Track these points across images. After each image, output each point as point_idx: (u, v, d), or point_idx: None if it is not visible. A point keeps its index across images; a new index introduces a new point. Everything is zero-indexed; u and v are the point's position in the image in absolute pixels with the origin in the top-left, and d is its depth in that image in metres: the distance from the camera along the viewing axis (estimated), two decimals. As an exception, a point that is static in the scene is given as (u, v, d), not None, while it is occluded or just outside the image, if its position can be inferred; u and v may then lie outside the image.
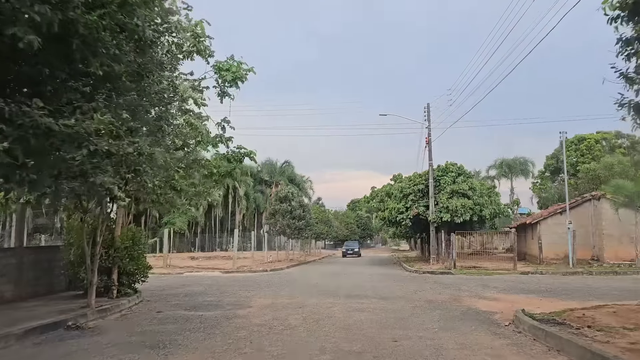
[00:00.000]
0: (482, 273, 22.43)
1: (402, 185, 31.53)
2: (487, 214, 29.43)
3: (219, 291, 15.52)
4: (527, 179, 65.59)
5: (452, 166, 31.00)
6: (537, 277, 20.62)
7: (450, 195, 29.58)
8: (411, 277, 21.24)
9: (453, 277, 20.79)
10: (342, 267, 30.17)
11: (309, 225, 36.51)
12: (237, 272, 25.26)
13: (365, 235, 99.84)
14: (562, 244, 27.73)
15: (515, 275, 21.57)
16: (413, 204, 30.61)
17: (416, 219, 30.84)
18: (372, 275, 22.44)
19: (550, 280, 18.65)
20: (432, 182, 29.84)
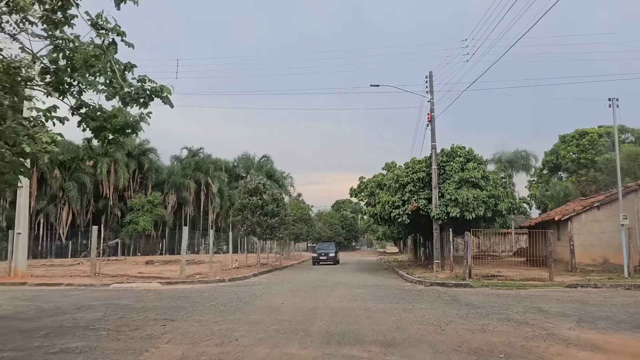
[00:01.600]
0: (509, 286, 16.54)
1: (397, 174, 25.57)
2: (504, 208, 23.61)
3: (116, 323, 9.38)
4: (529, 175, 60.46)
5: (460, 150, 25.14)
6: (594, 292, 14.76)
7: (458, 185, 23.69)
8: (418, 292, 15.23)
9: (476, 293, 14.81)
10: (323, 276, 24.09)
11: (284, 224, 30.37)
12: (183, 282, 19.05)
13: (350, 236, 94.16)
14: (600, 247, 22.05)
15: (559, 289, 15.70)
16: (412, 196, 24.67)
17: (415, 215, 24.91)
18: (364, 290, 16.38)
19: (630, 300, 12.78)
20: (436, 169, 23.92)
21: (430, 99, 24.53)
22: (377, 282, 19.59)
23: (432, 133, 24.36)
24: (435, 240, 23.87)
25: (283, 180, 70.88)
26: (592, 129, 59.28)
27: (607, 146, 55.33)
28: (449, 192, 23.13)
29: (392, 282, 20.00)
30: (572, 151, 58.79)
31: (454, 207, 22.87)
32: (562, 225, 23.73)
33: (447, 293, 14.85)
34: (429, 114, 24.47)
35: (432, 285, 17.42)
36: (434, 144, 24.25)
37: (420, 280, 18.49)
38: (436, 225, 23.89)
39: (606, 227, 21.96)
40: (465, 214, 22.77)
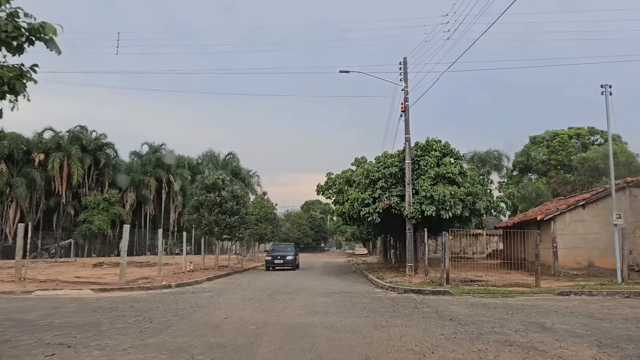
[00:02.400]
0: (493, 293, 14.58)
1: (368, 168, 23.44)
2: (482, 207, 21.76)
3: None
4: (500, 176, 59.53)
5: (436, 143, 23.17)
6: (593, 301, 12.88)
7: (434, 181, 21.71)
8: (391, 302, 13.05)
9: (459, 303, 12.73)
10: (285, 280, 21.77)
11: (245, 223, 27.89)
12: (121, 289, 16.43)
13: (319, 237, 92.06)
14: (585, 249, 20.41)
15: (550, 297, 13.79)
16: (383, 193, 22.56)
17: (386, 214, 22.84)
18: (328, 298, 14.13)
19: (636, 312, 10.88)
20: (410, 163, 21.89)
21: (405, 87, 22.49)
22: (344, 288, 17.38)
23: (406, 124, 22.33)
24: (408, 241, 21.81)
25: (249, 178, 68.20)
26: (562, 130, 58.75)
27: (577, 147, 54.82)
28: (423, 189, 21.12)
29: (361, 288, 17.83)
30: (543, 152, 58.12)
31: (429, 205, 20.86)
32: (543, 226, 22.01)
33: (425, 303, 12.73)
34: (403, 104, 22.44)
35: (407, 292, 15.30)
36: (407, 137, 22.22)
37: (393, 287, 16.36)
38: (409, 225, 21.85)
39: (592, 228, 20.33)
40: (442, 212, 20.79)
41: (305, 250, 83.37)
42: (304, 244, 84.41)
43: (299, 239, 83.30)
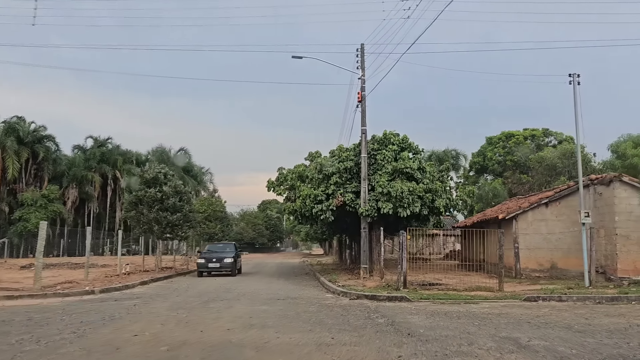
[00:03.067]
0: (455, 298, 13.15)
1: (321, 162, 21.78)
2: (441, 205, 20.47)
3: None
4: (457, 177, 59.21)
5: (394, 137, 21.76)
6: (564, 308, 11.60)
7: (391, 177, 20.28)
8: (341, 310, 11.38)
9: (418, 311, 11.19)
10: (229, 284, 19.85)
11: (189, 221, 25.72)
12: (31, 296, 14.13)
13: (275, 237, 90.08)
14: (548, 249, 19.42)
15: (517, 303, 12.47)
16: (337, 189, 20.97)
17: (341, 212, 21.27)
18: (271, 306, 12.35)
19: (619, 321, 9.59)
20: (366, 157, 20.37)
21: (361, 75, 20.96)
22: (292, 293, 15.63)
23: (363, 115, 20.81)
24: (363, 241, 20.29)
25: (202, 176, 65.51)
26: (517, 131, 58.97)
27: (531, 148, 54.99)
28: (380, 185, 19.62)
29: (310, 292, 16.12)
30: (499, 153, 58.15)
31: (385, 202, 19.39)
32: (504, 226, 20.89)
33: (379, 311, 11.12)
34: (359, 94, 20.91)
35: (360, 298, 13.69)
36: (364, 129, 20.70)
37: (345, 292, 14.72)
38: (364, 224, 20.33)
39: (555, 228, 19.35)
40: (399, 210, 19.37)
41: (260, 250, 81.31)
42: (259, 244, 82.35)
43: (253, 239, 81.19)
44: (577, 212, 17.95)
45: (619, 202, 17.22)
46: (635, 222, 17.09)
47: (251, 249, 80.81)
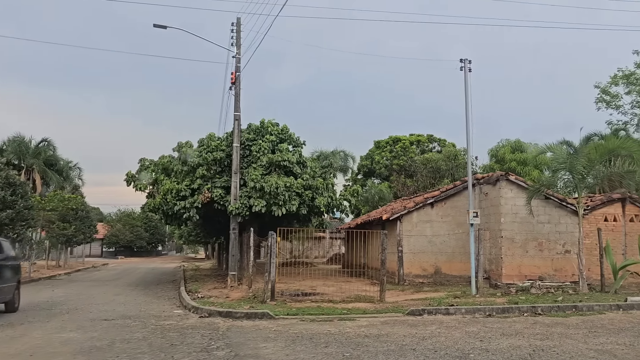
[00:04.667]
0: (329, 313, 10.88)
1: (186, 152, 18.69)
2: (322, 203, 18.33)
3: None
4: (345, 179, 58.42)
5: (272, 126, 19.30)
6: (453, 324, 9.72)
7: (267, 170, 17.77)
8: (178, 337, 8.54)
9: (277, 336, 8.66)
10: (68, 293, 16.13)
11: (25, 220, 21.17)
12: None
13: (156, 240, 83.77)
14: (432, 253, 18.05)
15: (399, 318, 10.46)
16: (205, 183, 18.04)
17: (209, 210, 18.37)
18: (84, 330, 9.20)
19: (517, 342, 7.80)
20: (238, 147, 17.67)
21: (236, 53, 18.23)
22: (132, 310, 12.44)
23: (236, 99, 18.06)
24: (231, 244, 17.53)
25: (69, 171, 58.28)
26: (404, 136, 59.66)
27: (417, 153, 55.76)
28: (253, 179, 17.00)
29: (158, 308, 13.01)
30: (386, 157, 58.44)
31: (258, 199, 16.82)
32: (388, 227, 19.28)
33: (227, 336, 8.46)
34: (233, 74, 18.16)
35: (212, 315, 10.90)
36: (237, 114, 17.96)
37: (197, 307, 11.83)
38: (234, 224, 17.60)
39: (440, 229, 18.03)
40: (274, 208, 16.90)
41: (139, 254, 75.24)
42: (137, 248, 76.17)
43: (131, 242, 74.88)
44: (464, 212, 16.72)
45: (505, 203, 16.17)
46: (521, 223, 16.14)
47: (129, 252, 74.43)
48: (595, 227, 16.58)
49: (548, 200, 16.43)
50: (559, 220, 16.55)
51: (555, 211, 16.55)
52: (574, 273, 15.91)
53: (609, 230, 16.76)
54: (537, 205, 16.10)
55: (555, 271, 16.27)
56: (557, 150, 14.27)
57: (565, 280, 15.81)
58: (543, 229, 16.33)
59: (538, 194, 15.67)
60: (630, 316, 10.42)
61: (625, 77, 31.68)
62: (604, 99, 33.12)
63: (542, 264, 16.16)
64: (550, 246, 16.38)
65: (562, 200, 16.56)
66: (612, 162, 14.51)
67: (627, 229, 17.25)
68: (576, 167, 13.67)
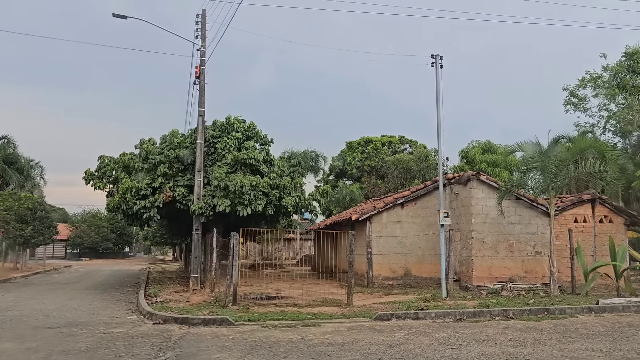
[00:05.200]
0: (292, 318, 10.28)
1: (147, 149, 17.83)
2: (290, 203, 17.73)
3: None
4: (317, 180, 57.88)
5: (239, 123, 18.60)
6: (423, 330, 9.23)
7: (232, 169, 17.08)
8: (125, 346, 7.81)
9: (234, 344, 8.02)
10: (16, 298, 15.10)
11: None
12: None
13: (123, 241, 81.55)
14: (402, 255, 17.65)
15: (367, 323, 9.93)
16: (167, 181, 17.23)
17: (172, 210, 17.57)
18: (22, 340, 8.39)
19: (491, 350, 7.34)
20: (202, 144, 16.94)
21: (201, 46, 17.48)
22: (83, 316, 11.58)
23: (201, 94, 17.32)
24: (194, 246, 16.77)
25: (30, 169, 56.12)
26: (376, 137, 59.52)
27: (388, 154, 55.66)
28: (217, 178, 16.28)
29: (111, 313, 12.16)
30: (358, 158, 58.20)
31: (222, 199, 16.12)
32: (358, 228, 18.83)
33: (179, 345, 7.79)
34: (198, 68, 17.41)
35: (167, 321, 10.17)
36: (201, 110, 17.23)
37: (152, 312, 11.07)
38: (197, 224, 16.84)
39: (410, 230, 17.64)
40: (239, 208, 16.22)
41: (105, 256, 73.15)
42: (103, 249, 74.05)
43: (96, 244, 72.73)
44: (434, 213, 16.40)
45: (476, 203, 15.86)
46: (492, 224, 15.85)
47: (94, 254, 72.26)
48: (565, 228, 16.44)
49: (519, 200, 16.20)
50: (530, 221, 16.34)
51: (525, 212, 16.34)
52: (545, 275, 15.72)
53: (578, 231, 16.62)
54: (508, 206, 15.85)
55: (525, 273, 16.04)
56: (528, 149, 14.01)
57: (536, 282, 15.59)
58: (514, 230, 16.09)
59: (509, 194, 15.41)
60: (603, 319, 10.14)
61: (593, 80, 32.04)
62: (572, 102, 33.45)
63: (513, 266, 15.91)
64: (521, 247, 16.15)
65: (533, 200, 16.35)
66: (583, 162, 14.32)
67: (597, 230, 17.16)
68: (548, 167, 13.43)
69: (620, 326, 9.25)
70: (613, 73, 31.23)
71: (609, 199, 17.53)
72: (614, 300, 11.49)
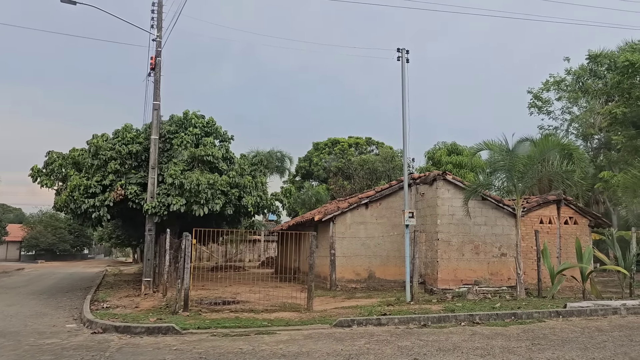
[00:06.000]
0: (246, 326, 9.52)
1: (97, 144, 16.73)
2: (250, 203, 16.93)
3: None
4: (283, 181, 57.11)
5: (197, 118, 17.70)
6: (385, 338, 8.61)
7: (189, 166, 16.18)
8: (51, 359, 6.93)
9: (178, 356, 7.22)
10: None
11: None
12: None
13: (81, 243, 78.76)
14: (366, 257, 17.09)
15: (325, 331, 9.25)
16: (118, 179, 16.20)
17: (123, 209, 16.54)
18: None
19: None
20: (157, 139, 15.97)
21: (157, 36, 16.52)
22: (13, 325, 10.51)
23: (156, 86, 16.34)
24: (147, 247, 15.81)
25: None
26: (343, 138, 59.13)
27: (355, 155, 55.35)
28: (171, 175, 15.36)
29: (47, 322, 11.11)
30: (325, 159, 57.71)
31: (177, 197, 15.22)
32: (321, 229, 18.20)
33: (114, 359, 6.95)
34: (153, 59, 16.43)
35: (107, 330, 9.25)
36: (157, 103, 16.25)
37: (92, 320, 10.11)
38: (151, 224, 15.86)
39: (374, 231, 17.09)
40: (194, 207, 15.34)
41: (62, 258, 70.59)
42: (60, 251, 71.44)
43: (53, 245, 70.06)
44: (400, 213, 15.89)
45: (442, 204, 15.42)
46: (457, 225, 15.44)
47: (51, 256, 69.58)
48: (531, 229, 16.20)
49: (485, 201, 15.86)
50: (496, 222, 16.01)
51: (491, 213, 16.01)
52: (510, 277, 15.40)
53: (544, 232, 16.40)
54: (474, 207, 15.48)
55: (491, 275, 15.70)
56: (495, 148, 13.63)
57: (502, 284, 15.25)
58: (479, 231, 15.72)
59: (475, 195, 15.04)
60: (571, 324, 9.75)
61: (557, 83, 32.37)
62: (536, 105, 33.76)
63: (479, 268, 15.55)
64: (487, 249, 15.81)
65: (499, 201, 16.04)
66: (551, 162, 14.05)
67: (562, 231, 16.99)
68: (516, 166, 13.07)
69: (589, 331, 8.86)
70: (576, 77, 31.59)
71: (574, 200, 17.40)
72: (581, 303, 11.16)
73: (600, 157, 30.33)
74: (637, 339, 8.08)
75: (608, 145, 27.81)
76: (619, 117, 22.05)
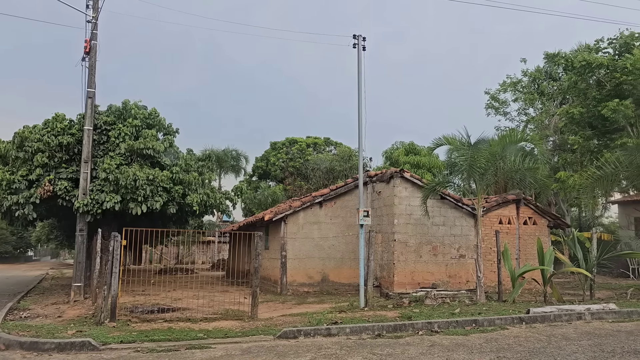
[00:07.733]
0: (179, 338, 8.35)
1: (23, 135, 15.10)
2: (195, 201, 15.67)
3: None
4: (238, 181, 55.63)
5: (138, 109, 16.29)
6: (334, 352, 7.62)
7: (126, 160, 14.79)
8: None
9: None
10: None
11: None
12: None
13: (24, 244, 74.64)
14: (319, 259, 16.13)
15: (268, 342, 8.19)
16: (47, 173, 14.65)
17: (52, 207, 14.97)
18: None
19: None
20: (91, 130, 14.51)
21: (92, 17, 15.04)
22: None
23: (91, 72, 14.86)
24: (77, 249, 14.33)
25: None
26: (301, 138, 58.19)
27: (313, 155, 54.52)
28: (105, 170, 13.95)
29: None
30: (282, 159, 56.63)
31: (111, 194, 13.82)
32: (272, 229, 17.13)
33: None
34: (87, 42, 14.96)
35: (10, 347, 7.87)
36: (91, 91, 14.79)
37: (-5, 334, 8.70)
38: (82, 223, 14.39)
39: (329, 232, 16.14)
40: (131, 205, 13.99)
41: (3, 260, 66.54)
42: (1, 253, 67.40)
43: (-10, 247, 66.04)
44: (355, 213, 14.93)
45: (399, 203, 14.60)
46: (415, 225, 14.67)
47: (-9, 258, 65.58)
48: (490, 229, 15.63)
49: (444, 200, 15.16)
50: (455, 222, 15.33)
51: (450, 212, 15.32)
52: (469, 279, 14.77)
53: (503, 233, 15.84)
54: (433, 206, 14.74)
55: (449, 277, 15.00)
56: (456, 143, 12.91)
57: (460, 287, 14.58)
58: (438, 232, 15.00)
59: (434, 193, 14.30)
60: (536, 332, 9.02)
61: (513, 84, 32.37)
62: (493, 106, 33.71)
63: (436, 270, 14.81)
64: (445, 250, 15.10)
65: (458, 200, 15.38)
66: (513, 159, 13.45)
67: (521, 232, 16.52)
68: (477, 161, 12.36)
69: (556, 340, 8.13)
70: (532, 78, 31.68)
71: (533, 200, 16.96)
72: (544, 308, 10.51)
73: (555, 159, 30.46)
74: (607, 348, 7.40)
75: (563, 146, 27.87)
76: (576, 117, 21.93)
